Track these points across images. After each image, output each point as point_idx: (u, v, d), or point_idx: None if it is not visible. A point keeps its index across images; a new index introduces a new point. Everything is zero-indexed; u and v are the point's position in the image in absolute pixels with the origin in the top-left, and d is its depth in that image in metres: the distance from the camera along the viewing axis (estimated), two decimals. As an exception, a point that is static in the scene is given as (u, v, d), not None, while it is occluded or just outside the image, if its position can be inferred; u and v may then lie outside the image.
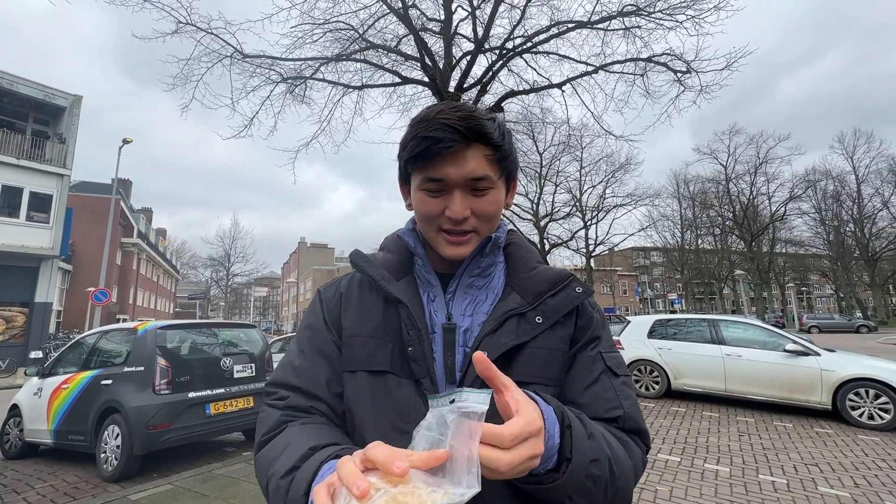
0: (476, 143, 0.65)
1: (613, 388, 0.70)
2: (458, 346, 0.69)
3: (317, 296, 0.82)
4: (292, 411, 0.70)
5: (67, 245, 17.86)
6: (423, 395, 0.65)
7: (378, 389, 0.67)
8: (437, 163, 0.65)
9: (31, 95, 16.75)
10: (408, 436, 0.59)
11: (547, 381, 0.68)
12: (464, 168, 0.65)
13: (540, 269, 0.75)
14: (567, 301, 0.71)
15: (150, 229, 43.23)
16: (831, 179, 41.11)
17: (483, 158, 0.66)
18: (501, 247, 0.77)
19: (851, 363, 6.06)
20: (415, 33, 8.01)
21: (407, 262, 0.77)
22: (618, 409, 0.67)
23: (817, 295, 69.47)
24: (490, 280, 0.75)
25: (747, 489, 3.71)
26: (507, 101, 9.14)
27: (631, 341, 8.02)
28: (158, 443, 4.28)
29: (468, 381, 0.65)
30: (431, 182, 0.67)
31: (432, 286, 0.74)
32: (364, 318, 0.73)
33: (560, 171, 27.46)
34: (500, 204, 0.71)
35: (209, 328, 5.45)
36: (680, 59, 7.94)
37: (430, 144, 0.64)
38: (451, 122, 0.63)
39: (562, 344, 0.70)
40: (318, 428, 0.67)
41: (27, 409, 5.41)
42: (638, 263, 64.09)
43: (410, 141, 0.66)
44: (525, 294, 0.71)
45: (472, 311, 0.72)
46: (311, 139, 8.95)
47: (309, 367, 0.73)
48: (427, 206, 0.68)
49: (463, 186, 0.66)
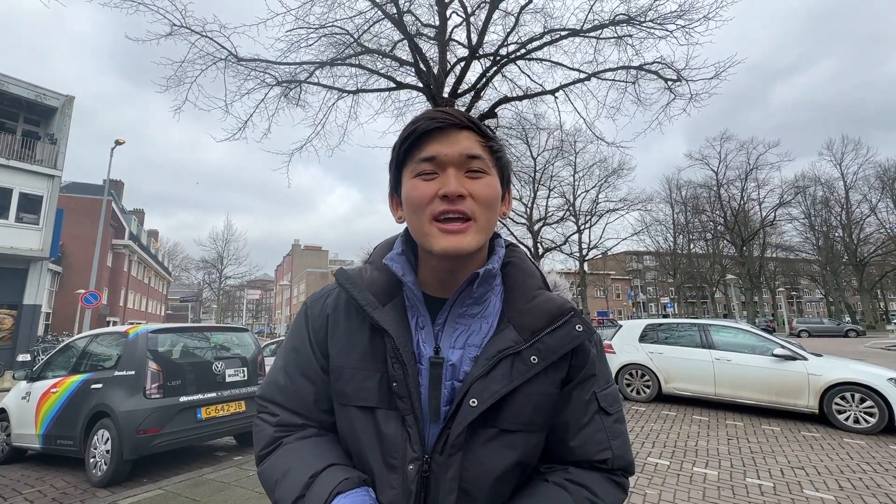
0: (468, 129, 0.67)
1: (604, 429, 0.70)
2: (445, 381, 0.66)
3: (303, 311, 0.79)
4: (284, 428, 0.72)
5: (57, 246, 17.66)
6: (409, 432, 0.64)
7: (367, 424, 0.67)
8: (430, 142, 0.65)
9: (22, 95, 16.58)
10: (397, 470, 0.64)
11: (533, 427, 0.67)
12: (457, 145, 0.65)
13: (540, 299, 0.70)
14: (566, 341, 0.67)
15: (142, 231, 42.82)
16: (820, 185, 41.90)
17: (476, 141, 0.67)
18: (497, 275, 0.72)
19: (838, 368, 6.16)
20: (409, 39, 8.07)
21: (395, 282, 0.72)
22: (607, 451, 0.69)
23: (807, 299, 70.33)
24: (485, 308, 0.70)
25: (734, 492, 3.76)
26: (500, 107, 9.22)
27: (622, 346, 8.08)
28: (149, 447, 4.24)
29: (457, 430, 0.63)
30: (424, 162, 0.65)
31: (421, 314, 0.70)
32: (350, 347, 0.71)
33: (554, 176, 27.69)
34: (497, 192, 0.68)
35: (201, 332, 5.42)
36: (670, 68, 8.07)
37: (423, 125, 0.65)
38: (440, 115, 0.66)
39: (554, 388, 0.68)
40: (314, 445, 0.70)
41: (15, 413, 5.35)
42: (631, 267, 64.51)
43: (404, 131, 0.68)
44: (522, 330, 0.67)
45: (464, 344, 0.68)
46: (305, 142, 8.96)
47: (295, 390, 0.74)
48: (419, 190, 0.65)
49: (457, 164, 0.65)
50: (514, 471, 0.67)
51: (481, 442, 0.64)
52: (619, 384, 7.84)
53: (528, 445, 0.67)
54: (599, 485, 0.67)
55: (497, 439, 0.65)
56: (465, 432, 0.63)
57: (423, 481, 0.63)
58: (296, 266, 71.09)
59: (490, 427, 0.64)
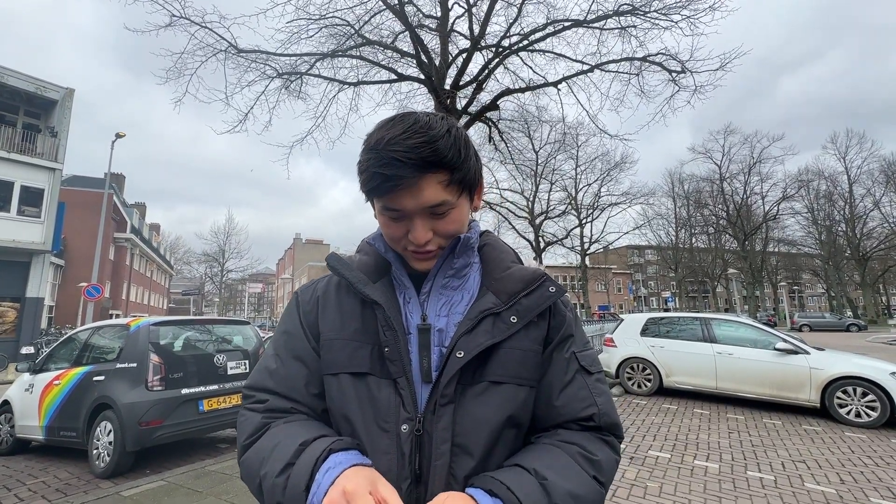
0: (430, 172, 0.62)
1: (587, 387, 0.72)
2: (434, 346, 0.69)
3: (294, 298, 0.82)
4: (272, 413, 0.72)
5: (59, 240, 17.69)
6: (401, 394, 0.66)
7: (360, 390, 0.68)
8: (392, 196, 0.64)
9: (22, 88, 16.53)
10: (390, 434, 0.65)
11: (521, 380, 0.69)
12: (419, 199, 0.64)
13: (514, 269, 0.76)
14: (541, 301, 0.71)
15: (144, 224, 42.84)
16: (824, 179, 41.58)
17: (438, 185, 0.64)
18: (475, 247, 0.77)
19: (840, 362, 6.14)
20: (411, 30, 7.99)
21: (383, 264, 0.76)
22: (592, 407, 0.71)
23: (809, 294, 70.25)
24: (465, 281, 0.75)
25: (735, 485, 3.76)
26: (502, 99, 9.15)
27: (624, 339, 8.07)
28: (151, 439, 4.26)
29: (445, 379, 0.65)
30: (390, 210, 0.66)
31: (407, 288, 0.74)
32: (343, 321, 0.73)
33: (556, 170, 27.54)
34: (463, 220, 0.70)
35: (203, 325, 5.43)
36: (675, 59, 7.99)
37: (381, 182, 0.62)
38: (401, 156, 0.60)
39: (535, 345, 0.72)
40: (303, 424, 0.69)
41: (18, 405, 5.38)
42: (632, 261, 64.45)
43: (363, 173, 0.65)
44: (500, 294, 0.71)
45: (448, 312, 0.72)
46: (305, 135, 8.93)
47: (286, 372, 0.74)
48: (391, 229, 0.69)
49: (422, 214, 0.66)
50: (507, 428, 0.68)
51: (471, 396, 0.67)
52: (621, 378, 7.85)
53: (517, 400, 0.68)
54: (590, 442, 0.68)
55: (486, 392, 0.67)
56: (455, 386, 0.65)
57: (417, 441, 0.64)
58: (297, 260, 71.19)
59: (479, 382, 0.67)
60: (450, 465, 0.64)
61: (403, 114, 0.67)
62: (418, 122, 0.64)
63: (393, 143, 0.61)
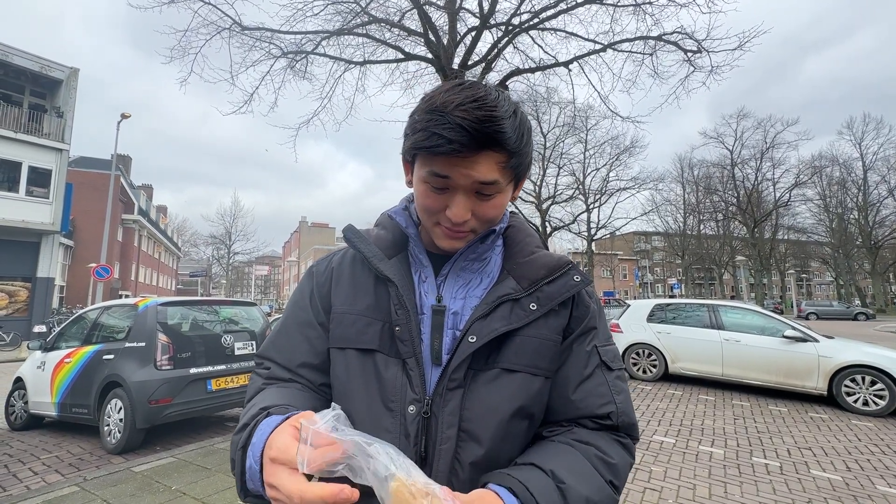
0: (491, 150, 0.59)
1: (607, 384, 0.69)
2: (447, 329, 0.68)
3: (308, 271, 0.81)
4: (272, 381, 0.73)
5: (68, 220, 17.82)
6: (409, 375, 0.65)
7: (367, 367, 0.67)
8: (445, 160, 0.60)
9: (27, 67, 16.44)
10: (395, 413, 0.64)
11: (536, 370, 0.66)
12: (472, 172, 0.60)
13: (539, 254, 0.73)
14: (564, 289, 0.68)
15: (151, 206, 43.10)
16: (838, 166, 40.70)
17: (495, 164, 0.61)
18: (501, 232, 0.74)
19: (849, 350, 6.09)
20: (418, 7, 7.77)
21: (400, 239, 0.75)
22: (610, 405, 0.67)
23: (817, 282, 69.62)
24: (486, 264, 0.73)
25: (740, 471, 3.77)
26: (512, 80, 8.94)
27: (630, 325, 8.05)
28: (160, 417, 4.34)
29: (455, 363, 0.63)
30: (436, 177, 0.62)
31: (424, 266, 0.72)
32: (356, 295, 0.72)
33: (564, 154, 27.23)
34: (504, 206, 0.68)
35: (210, 305, 5.46)
36: (691, 38, 7.71)
37: (440, 143, 0.58)
38: (467, 124, 0.57)
39: (554, 334, 0.68)
40: (287, 392, 0.69)
41: (31, 382, 5.48)
42: (639, 248, 64.05)
43: (420, 131, 0.60)
44: (521, 279, 0.69)
45: (465, 294, 0.70)
46: (312, 116, 8.79)
47: (289, 343, 0.75)
48: (429, 200, 0.65)
49: (468, 189, 0.62)
50: (518, 419, 0.65)
51: (482, 382, 0.65)
52: (626, 363, 7.84)
53: (530, 390, 0.65)
54: (607, 444, 0.65)
55: (498, 380, 0.65)
56: (466, 371, 0.64)
57: (424, 423, 0.63)
58: (303, 243, 71.53)
59: (491, 368, 0.65)
60: (455, 450, 0.62)
61: (471, 82, 0.62)
62: (489, 96, 0.59)
63: (460, 110, 0.57)
